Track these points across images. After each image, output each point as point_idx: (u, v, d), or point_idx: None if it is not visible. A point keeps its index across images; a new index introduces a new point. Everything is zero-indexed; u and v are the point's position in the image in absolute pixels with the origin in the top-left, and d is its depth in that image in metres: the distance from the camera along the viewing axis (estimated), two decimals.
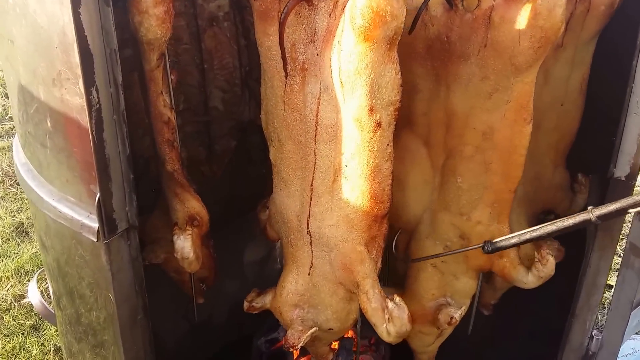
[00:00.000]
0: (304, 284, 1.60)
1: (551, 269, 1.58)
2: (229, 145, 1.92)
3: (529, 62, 1.32)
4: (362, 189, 1.35)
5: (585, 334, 1.75)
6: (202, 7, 1.71)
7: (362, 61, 1.21)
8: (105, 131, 1.25)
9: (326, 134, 1.38)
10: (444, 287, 1.70)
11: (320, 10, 1.30)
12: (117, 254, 1.37)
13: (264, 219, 1.71)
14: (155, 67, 1.39)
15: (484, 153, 1.47)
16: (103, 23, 1.19)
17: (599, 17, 1.55)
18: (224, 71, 1.80)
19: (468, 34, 1.38)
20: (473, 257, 1.62)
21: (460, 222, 1.58)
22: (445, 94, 1.47)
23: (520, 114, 1.39)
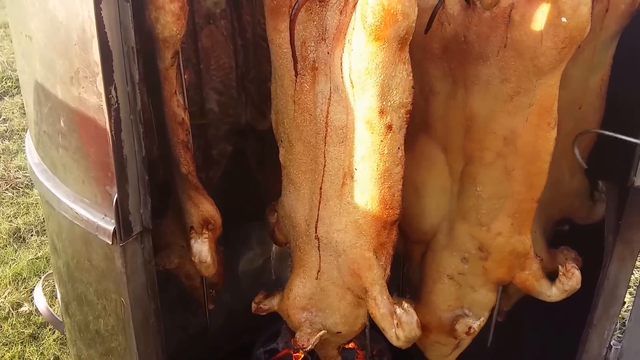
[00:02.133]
0: (311, 287, 1.62)
1: (577, 282, 1.57)
2: (225, 150, 1.92)
3: (553, 63, 1.29)
4: (371, 193, 1.36)
5: (604, 344, 1.75)
6: (200, 4, 1.70)
7: (372, 61, 1.22)
8: (123, 131, 1.28)
9: (336, 135, 1.39)
10: (461, 298, 1.69)
11: (332, 7, 1.31)
12: (131, 257, 1.40)
13: (273, 222, 1.73)
14: (169, 66, 1.41)
15: (506, 159, 1.44)
16: (122, 19, 1.22)
17: (618, 17, 1.52)
18: (220, 72, 1.80)
19: (487, 34, 1.35)
20: (493, 270, 1.60)
21: (479, 233, 1.56)
22: (463, 96, 1.45)
23: (544, 118, 1.37)
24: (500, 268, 1.59)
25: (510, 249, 1.55)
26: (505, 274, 1.61)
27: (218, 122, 1.87)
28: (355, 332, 1.69)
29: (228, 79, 1.82)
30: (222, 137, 1.91)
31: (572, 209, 1.84)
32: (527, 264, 1.57)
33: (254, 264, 2.51)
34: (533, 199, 1.48)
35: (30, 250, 3.35)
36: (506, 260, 1.58)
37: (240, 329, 2.17)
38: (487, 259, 1.59)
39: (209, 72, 1.79)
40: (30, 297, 3.03)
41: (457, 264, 1.64)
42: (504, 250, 1.56)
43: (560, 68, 1.33)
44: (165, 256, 1.70)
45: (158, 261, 1.66)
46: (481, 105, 1.43)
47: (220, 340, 2.35)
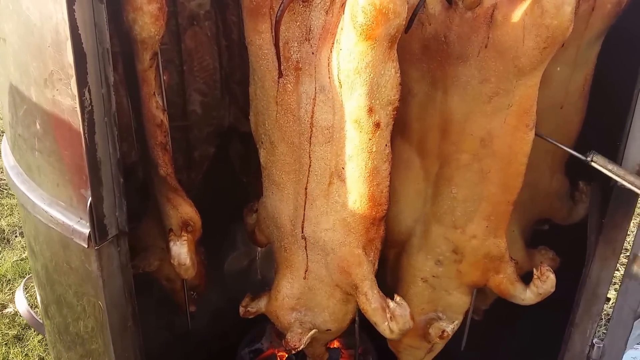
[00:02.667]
0: (299, 287, 1.63)
1: (551, 286, 1.57)
2: (207, 152, 1.91)
3: (534, 63, 1.29)
4: (360, 191, 1.37)
5: (586, 342, 1.76)
6: (183, 5, 1.70)
7: (362, 60, 1.22)
8: (97, 133, 1.27)
9: (322, 135, 1.39)
10: (435, 302, 1.69)
11: (316, 7, 1.31)
12: (107, 260, 1.39)
13: (252, 223, 1.73)
14: (148, 68, 1.41)
15: (482, 161, 1.43)
16: (96, 21, 1.21)
17: (604, 16, 1.52)
18: (203, 73, 1.79)
19: (468, 34, 1.35)
20: (467, 273, 1.60)
21: (453, 236, 1.55)
22: (441, 97, 1.45)
23: (523, 119, 1.36)
24: (475, 271, 1.59)
25: (485, 252, 1.55)
26: (479, 277, 1.60)
27: (201, 123, 1.86)
28: (343, 328, 1.70)
29: (212, 80, 1.82)
30: (205, 138, 1.90)
31: (552, 209, 1.84)
32: (501, 267, 1.57)
33: (239, 264, 2.51)
34: (509, 201, 1.47)
35: (14, 252, 3.34)
36: (480, 263, 1.57)
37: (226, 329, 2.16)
38: (461, 262, 1.59)
39: (192, 73, 1.78)
40: (14, 298, 3.01)
41: (432, 267, 1.64)
42: (478, 253, 1.55)
43: (541, 69, 1.32)
44: (145, 258, 1.70)
45: (137, 263, 1.66)
46: (459, 107, 1.43)
47: (206, 340, 2.34)
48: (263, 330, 2.31)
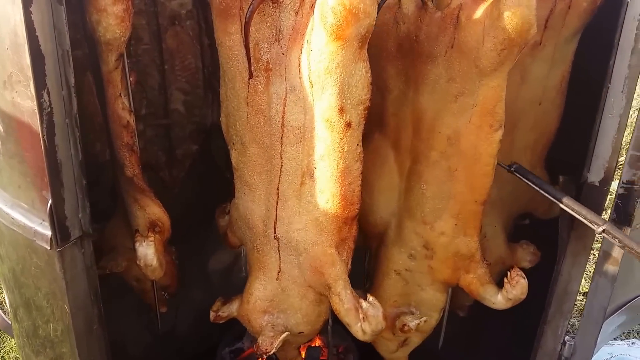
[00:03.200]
0: (272, 289, 1.62)
1: (521, 292, 1.56)
2: (190, 150, 1.91)
3: (493, 65, 1.30)
4: (332, 191, 1.37)
5: (558, 339, 1.78)
6: (164, 5, 1.70)
7: (333, 60, 1.22)
8: (57, 135, 1.25)
9: (293, 135, 1.39)
10: (408, 296, 1.70)
11: (286, 7, 1.31)
12: (70, 262, 1.37)
13: (224, 225, 1.72)
14: (113, 69, 1.39)
15: (449, 159, 1.45)
16: (55, 23, 1.19)
17: (580, 14, 1.54)
18: (185, 72, 1.79)
19: (436, 34, 1.37)
20: (438, 269, 1.61)
21: (423, 231, 1.57)
22: (413, 95, 1.47)
23: (486, 119, 1.37)
24: (445, 268, 1.60)
25: (454, 250, 1.55)
26: (450, 275, 1.61)
27: (183, 121, 1.86)
28: (316, 331, 1.69)
29: (194, 79, 1.82)
30: (187, 136, 1.90)
31: (533, 203, 1.85)
32: (471, 267, 1.57)
33: (223, 262, 2.49)
34: (477, 201, 1.47)
35: None
36: (450, 260, 1.58)
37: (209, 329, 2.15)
38: (432, 258, 1.60)
39: (174, 72, 1.78)
40: None
41: (405, 260, 1.65)
42: (447, 251, 1.56)
43: (503, 70, 1.32)
44: (113, 259, 1.68)
45: (105, 264, 1.64)
46: (429, 104, 1.44)
47: (190, 341, 2.34)
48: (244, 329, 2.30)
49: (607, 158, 1.57)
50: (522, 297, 1.57)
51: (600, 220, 1.47)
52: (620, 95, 1.50)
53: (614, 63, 1.48)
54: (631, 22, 1.43)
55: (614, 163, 1.57)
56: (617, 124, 1.53)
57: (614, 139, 1.55)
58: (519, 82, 1.61)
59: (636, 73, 1.48)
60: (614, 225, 1.52)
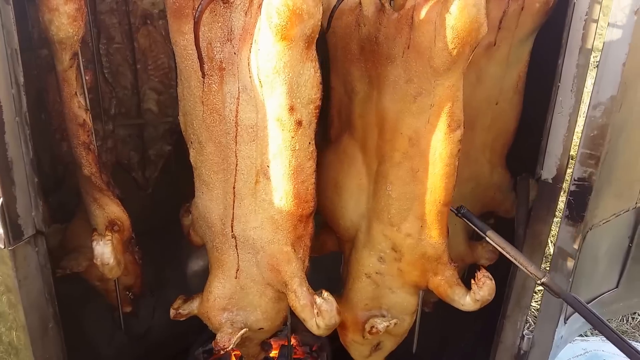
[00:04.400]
0: (231, 287, 1.63)
1: (488, 293, 1.55)
2: (163, 150, 1.91)
3: (446, 64, 1.30)
4: (285, 189, 1.38)
5: (517, 333, 1.80)
6: (136, 5, 1.70)
7: (280, 60, 1.23)
8: (7, 133, 1.26)
9: (247, 134, 1.40)
10: (379, 299, 1.69)
11: (236, 8, 1.32)
12: (23, 261, 1.38)
13: (187, 225, 1.73)
14: (68, 68, 1.40)
15: (411, 160, 1.44)
16: (3, 22, 1.21)
17: (534, 15, 1.56)
18: (158, 72, 1.80)
19: (394, 35, 1.38)
20: (407, 271, 1.60)
21: (391, 233, 1.56)
22: (376, 96, 1.47)
23: (444, 119, 1.36)
24: (414, 270, 1.58)
25: (422, 252, 1.54)
26: (419, 277, 1.59)
27: (156, 121, 1.87)
28: (277, 327, 1.71)
29: (167, 78, 1.82)
30: (160, 136, 1.91)
31: (495, 202, 1.87)
32: (439, 269, 1.55)
33: (200, 262, 2.49)
34: (440, 202, 1.45)
35: None
36: (418, 262, 1.57)
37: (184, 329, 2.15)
38: (400, 260, 1.59)
39: (146, 72, 1.79)
40: None
41: (375, 263, 1.64)
42: (415, 253, 1.55)
43: (456, 69, 1.32)
44: (74, 259, 1.68)
45: (66, 264, 1.65)
46: (390, 106, 1.45)
47: (164, 342, 2.34)
48: None
49: (559, 156, 1.60)
50: (490, 298, 1.56)
51: (541, 274, 1.49)
52: (569, 94, 1.53)
53: (563, 62, 1.51)
54: (578, 22, 1.47)
55: (565, 161, 1.60)
56: (567, 122, 1.56)
57: (564, 137, 1.58)
58: (475, 82, 1.63)
59: (584, 72, 1.51)
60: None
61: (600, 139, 1.50)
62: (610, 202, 1.69)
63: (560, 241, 1.64)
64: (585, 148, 1.53)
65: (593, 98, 1.48)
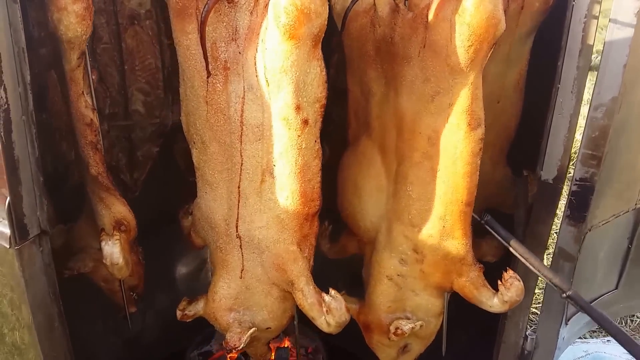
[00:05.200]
0: (236, 287, 1.63)
1: (516, 294, 1.52)
2: (151, 152, 1.90)
3: (463, 62, 1.28)
4: (291, 188, 1.39)
5: (520, 334, 1.79)
6: (123, 5, 1.69)
7: (287, 59, 1.24)
8: (14, 132, 1.26)
9: (252, 134, 1.41)
10: (403, 301, 1.66)
11: (241, 7, 1.33)
12: (29, 260, 1.38)
13: (187, 226, 1.73)
14: (75, 67, 1.41)
15: (432, 160, 1.42)
16: (11, 20, 1.21)
17: (533, 14, 1.57)
18: (145, 72, 1.78)
19: (409, 35, 1.37)
20: (430, 273, 1.57)
21: (412, 234, 1.53)
22: (394, 97, 1.46)
23: (463, 118, 1.35)
24: (436, 272, 1.55)
25: (444, 253, 1.51)
26: (442, 279, 1.56)
27: (144, 123, 1.85)
28: (283, 326, 1.71)
29: (154, 79, 1.81)
30: (148, 138, 1.89)
31: (497, 198, 1.86)
32: (463, 270, 1.52)
33: (190, 265, 2.49)
34: (462, 201, 1.42)
35: None
36: (441, 264, 1.54)
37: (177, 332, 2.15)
38: (423, 262, 1.56)
39: (133, 72, 1.77)
40: None
41: (396, 265, 1.61)
42: (437, 254, 1.52)
43: (474, 67, 1.30)
44: (80, 260, 1.68)
45: (72, 265, 1.64)
46: (408, 106, 1.43)
47: (156, 345, 2.33)
48: (212, 332, 2.30)
49: (560, 157, 1.60)
50: (519, 299, 1.53)
51: (566, 286, 1.48)
52: (570, 95, 1.54)
53: (563, 64, 1.52)
54: (577, 24, 1.48)
55: (566, 161, 1.60)
56: (568, 123, 1.56)
57: (565, 138, 1.58)
58: None
59: (584, 74, 1.52)
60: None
61: (601, 139, 1.51)
62: (610, 203, 1.69)
63: (561, 241, 1.64)
64: (586, 149, 1.53)
65: (594, 99, 1.49)
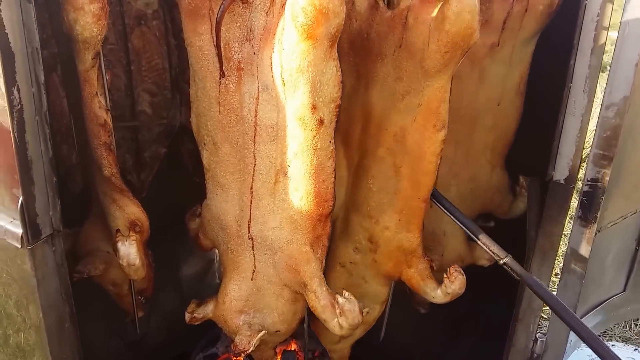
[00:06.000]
0: (247, 289, 1.61)
1: (459, 287, 1.59)
2: (158, 153, 1.89)
3: (437, 66, 1.33)
4: (306, 188, 1.38)
5: (530, 336, 1.79)
6: (130, 5, 1.69)
7: (304, 59, 1.24)
8: (27, 132, 1.25)
9: (266, 134, 1.40)
10: (352, 288, 1.70)
11: (256, 8, 1.33)
12: (41, 260, 1.37)
13: (195, 228, 1.71)
14: (90, 67, 1.39)
15: (395, 156, 1.48)
16: (25, 20, 1.20)
17: (537, 17, 1.58)
18: (152, 73, 1.78)
19: (386, 33, 1.40)
20: (381, 263, 1.64)
21: (368, 225, 1.60)
22: (363, 91, 1.50)
23: (430, 119, 1.40)
24: (388, 262, 1.63)
25: (397, 245, 1.58)
26: (392, 269, 1.64)
27: (151, 124, 1.85)
28: (293, 329, 1.69)
29: (161, 79, 1.80)
30: (155, 139, 1.88)
31: (493, 203, 1.88)
32: (413, 262, 1.60)
33: (196, 267, 2.48)
34: (420, 197, 1.50)
35: None
36: (393, 254, 1.61)
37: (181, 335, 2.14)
38: (376, 252, 1.63)
39: (140, 73, 1.76)
40: None
41: (350, 253, 1.68)
42: (391, 245, 1.59)
43: (447, 72, 1.35)
44: (90, 263, 1.66)
45: (82, 268, 1.62)
46: (377, 102, 1.47)
47: (161, 347, 2.31)
48: (218, 334, 2.29)
49: (571, 156, 1.61)
50: (460, 292, 1.60)
51: (503, 254, 1.51)
52: (581, 94, 1.55)
53: (575, 63, 1.53)
54: (589, 23, 1.48)
55: (578, 161, 1.61)
56: (580, 123, 1.57)
57: (577, 138, 1.59)
58: (478, 82, 1.66)
59: (596, 73, 1.52)
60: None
61: (613, 139, 1.52)
62: (618, 204, 1.70)
63: (573, 242, 1.65)
64: (598, 148, 1.54)
65: (606, 99, 1.50)
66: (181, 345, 2.27)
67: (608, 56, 1.52)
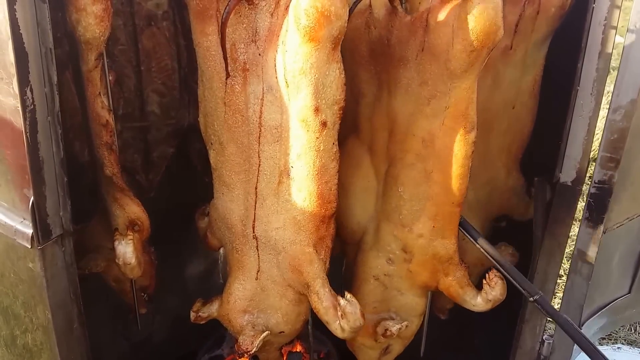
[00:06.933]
0: (251, 289, 1.66)
1: (500, 293, 1.58)
2: (166, 153, 1.93)
3: (463, 66, 1.34)
4: (309, 189, 1.42)
5: (536, 338, 1.82)
6: (140, 6, 1.73)
7: (307, 61, 1.28)
8: (40, 133, 1.29)
9: (270, 135, 1.45)
10: (388, 301, 1.72)
11: (261, 9, 1.37)
12: (51, 260, 1.41)
13: (204, 227, 1.76)
14: (93, 68, 1.44)
15: (425, 161, 1.48)
16: (39, 20, 1.24)
17: (549, 19, 1.61)
18: (162, 73, 1.82)
19: (407, 37, 1.42)
20: (417, 273, 1.63)
21: (402, 234, 1.59)
22: (387, 98, 1.51)
23: (459, 121, 1.41)
24: (424, 271, 1.61)
25: (433, 252, 1.57)
26: (429, 278, 1.63)
27: (159, 124, 1.89)
28: (297, 331, 1.73)
29: (170, 80, 1.85)
30: (163, 139, 1.93)
31: (510, 205, 1.91)
32: (450, 270, 1.59)
33: (201, 267, 2.51)
34: (453, 202, 1.50)
35: None
36: (429, 263, 1.60)
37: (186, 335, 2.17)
38: (411, 261, 1.62)
39: (150, 73, 1.81)
40: None
41: (383, 265, 1.67)
42: (426, 253, 1.58)
43: (473, 71, 1.37)
44: (92, 259, 1.72)
45: (84, 264, 1.68)
46: (402, 108, 1.49)
47: (166, 347, 2.35)
48: (223, 335, 2.31)
49: (579, 159, 1.64)
50: (502, 297, 1.59)
51: (534, 291, 1.54)
52: (589, 97, 1.58)
53: (582, 66, 1.55)
54: (597, 27, 1.51)
55: (585, 163, 1.64)
56: (587, 125, 1.60)
57: (584, 140, 1.61)
58: (492, 86, 1.67)
59: (604, 75, 1.55)
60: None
61: (620, 142, 1.55)
62: (625, 206, 1.73)
63: (580, 243, 1.68)
64: (605, 151, 1.57)
65: (613, 101, 1.53)
66: (186, 345, 2.30)
67: (616, 59, 1.55)
